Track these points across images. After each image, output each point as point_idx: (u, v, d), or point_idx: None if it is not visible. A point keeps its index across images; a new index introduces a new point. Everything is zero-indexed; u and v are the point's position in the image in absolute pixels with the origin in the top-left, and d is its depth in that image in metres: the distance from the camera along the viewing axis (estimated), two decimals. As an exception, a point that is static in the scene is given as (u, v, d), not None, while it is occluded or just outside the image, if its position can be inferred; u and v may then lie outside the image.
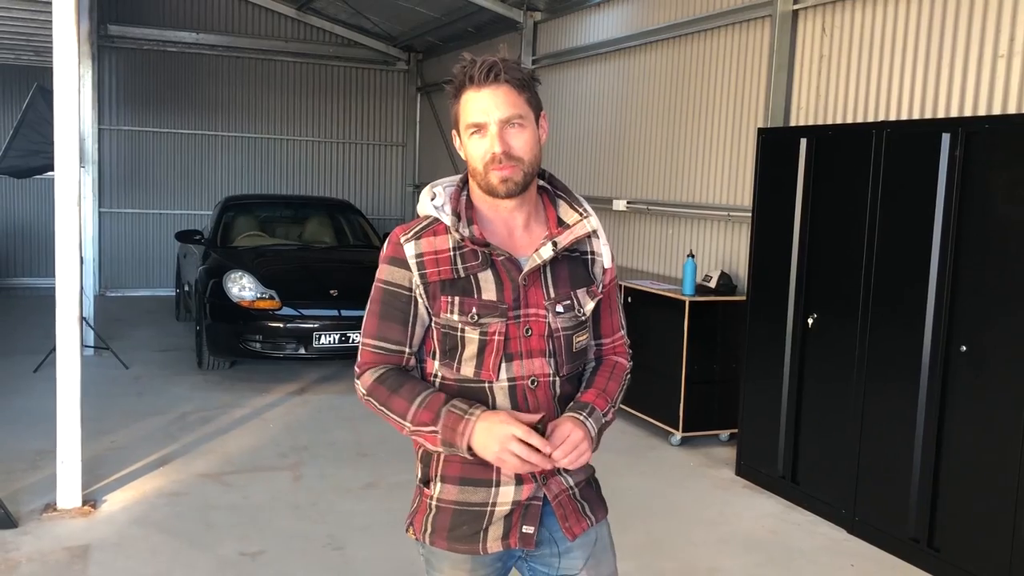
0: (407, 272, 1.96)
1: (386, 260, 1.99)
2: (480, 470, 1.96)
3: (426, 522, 2.04)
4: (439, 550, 2.04)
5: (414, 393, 1.93)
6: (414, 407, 1.91)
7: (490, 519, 1.98)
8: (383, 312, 1.99)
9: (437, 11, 11.12)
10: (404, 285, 1.97)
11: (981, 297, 4.12)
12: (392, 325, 1.98)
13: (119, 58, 12.18)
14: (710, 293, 6.30)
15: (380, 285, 2.00)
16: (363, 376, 2.00)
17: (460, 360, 1.96)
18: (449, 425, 1.87)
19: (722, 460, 6.01)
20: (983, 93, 4.90)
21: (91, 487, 5.04)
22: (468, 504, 1.99)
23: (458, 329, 1.95)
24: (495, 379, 1.95)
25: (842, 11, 5.88)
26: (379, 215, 13.47)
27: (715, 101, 7.08)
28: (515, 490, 1.97)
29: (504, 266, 1.95)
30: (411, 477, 5.82)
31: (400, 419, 1.93)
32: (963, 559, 4.19)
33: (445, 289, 1.94)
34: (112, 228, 12.36)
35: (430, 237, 1.96)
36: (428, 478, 2.05)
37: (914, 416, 4.42)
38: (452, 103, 1.99)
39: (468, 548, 2.00)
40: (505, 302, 1.94)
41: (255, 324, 7.50)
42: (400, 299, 1.97)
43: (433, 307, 1.96)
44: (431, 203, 1.99)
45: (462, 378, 1.97)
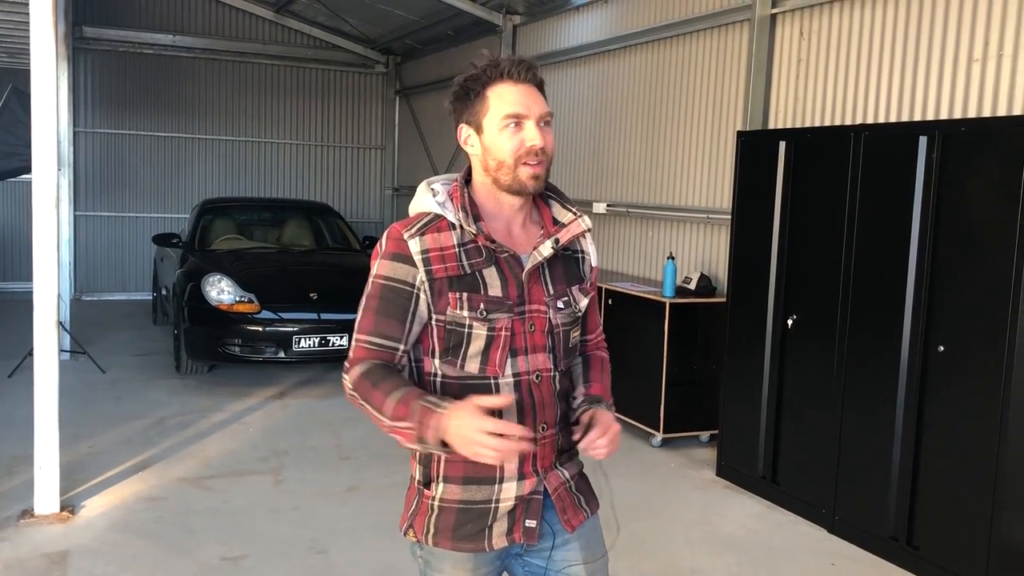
0: (412, 268, 1.94)
1: (387, 256, 1.96)
2: (483, 468, 1.95)
3: (428, 523, 2.02)
4: (441, 550, 2.02)
5: (392, 387, 1.89)
6: (391, 401, 1.87)
7: (494, 516, 1.99)
8: (381, 308, 1.95)
9: (416, 14, 11.11)
10: (407, 281, 1.94)
11: (959, 298, 4.17)
12: (390, 321, 1.95)
13: (94, 60, 12.08)
14: (690, 295, 6.33)
15: (380, 281, 1.96)
16: (352, 371, 1.95)
17: (464, 357, 1.96)
18: (421, 420, 1.83)
19: (703, 461, 6.04)
20: (959, 96, 4.96)
21: (69, 493, 4.98)
22: (472, 502, 1.99)
23: (465, 325, 1.94)
24: (501, 375, 1.96)
25: (820, 15, 5.93)
26: (358, 218, 13.43)
27: (694, 104, 7.12)
28: (517, 485, 1.99)
29: (507, 263, 1.97)
30: (394, 480, 5.80)
31: (379, 414, 1.89)
32: (942, 557, 4.24)
33: (452, 285, 1.94)
34: (88, 232, 12.24)
35: (434, 234, 1.95)
36: (429, 479, 2.02)
37: (893, 416, 4.46)
38: (474, 96, 1.96)
39: (474, 546, 2.00)
40: (510, 298, 1.96)
41: (234, 328, 7.45)
42: (401, 295, 1.95)
43: (438, 304, 1.95)
44: (434, 200, 1.99)
45: (466, 375, 1.97)
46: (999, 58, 4.73)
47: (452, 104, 2.02)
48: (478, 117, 1.96)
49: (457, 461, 1.95)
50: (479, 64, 1.97)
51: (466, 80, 1.98)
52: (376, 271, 1.97)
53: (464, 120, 2.00)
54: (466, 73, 1.99)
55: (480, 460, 1.82)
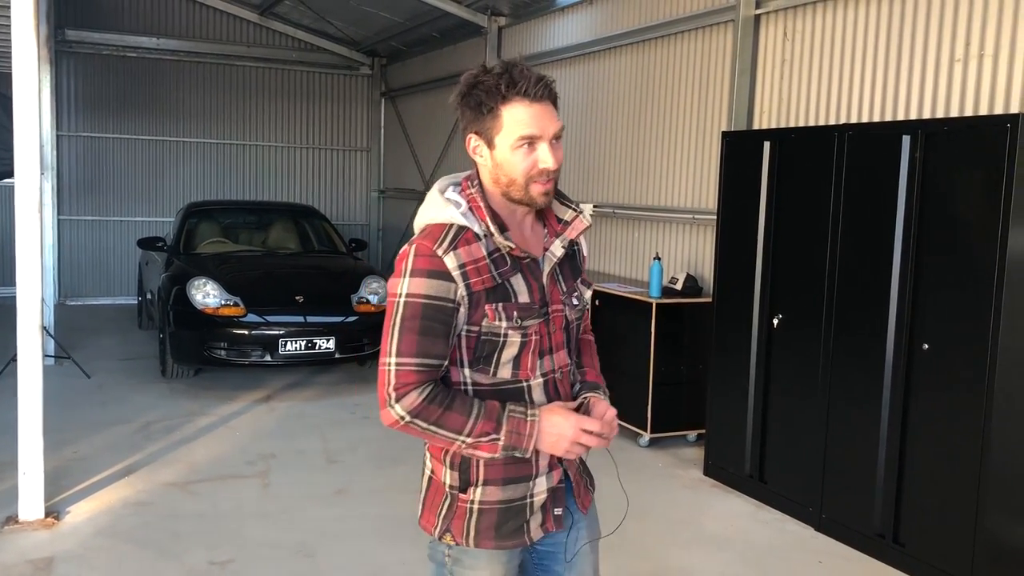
0: (451, 284, 1.91)
1: (422, 274, 1.91)
2: (521, 468, 2.03)
3: (468, 526, 2.05)
4: (476, 550, 2.06)
5: (467, 405, 1.92)
6: (472, 419, 1.91)
7: (531, 510, 2.07)
8: (424, 328, 1.90)
9: (401, 16, 11.09)
10: (448, 298, 1.92)
11: (943, 296, 4.20)
12: (436, 340, 1.92)
13: (77, 64, 12.01)
14: (676, 295, 6.34)
15: (418, 300, 1.91)
16: (406, 397, 1.90)
17: (497, 364, 2.00)
18: (513, 430, 1.92)
19: (690, 460, 6.06)
20: (941, 96, 4.99)
21: (54, 498, 4.95)
22: (511, 501, 2.05)
23: (501, 334, 1.97)
24: (532, 377, 2.03)
25: (803, 16, 5.96)
26: (344, 220, 13.41)
27: (679, 105, 7.14)
28: (547, 478, 2.08)
29: (529, 268, 2.02)
30: (381, 483, 5.78)
31: (455, 435, 1.92)
32: (927, 553, 4.27)
33: (489, 297, 1.95)
34: (71, 236, 12.17)
35: (465, 247, 1.94)
36: (467, 483, 2.04)
37: (878, 414, 4.49)
38: (487, 112, 1.94)
39: (516, 542, 2.07)
40: (536, 303, 2.01)
41: (220, 331, 7.42)
42: (444, 312, 1.92)
43: (474, 316, 1.95)
44: (457, 211, 1.98)
45: (499, 381, 2.01)
46: (980, 58, 4.77)
47: (459, 108, 2.00)
48: (490, 133, 1.96)
49: (497, 464, 2.02)
50: (493, 72, 1.93)
51: (477, 88, 1.94)
52: (409, 290, 1.91)
53: (474, 131, 1.99)
54: (477, 76, 1.95)
55: (572, 456, 2.00)
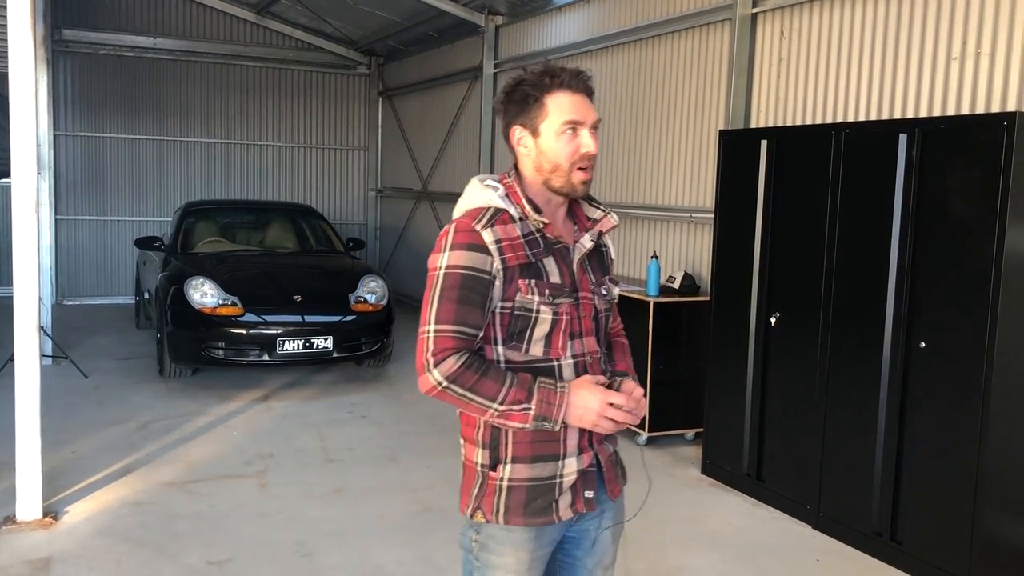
0: (488, 257, 2.04)
1: (461, 247, 2.04)
2: (549, 447, 2.12)
3: (497, 503, 2.13)
4: (503, 532, 2.14)
5: (501, 375, 2.02)
6: (505, 387, 2.00)
7: (560, 489, 2.14)
8: (463, 297, 2.02)
9: (398, 15, 11.09)
10: (485, 269, 2.04)
11: (939, 294, 4.21)
12: (473, 310, 2.03)
13: (74, 63, 12.00)
14: (674, 294, 6.35)
15: (457, 271, 2.03)
16: (444, 362, 1.99)
17: (529, 341, 2.10)
18: (544, 399, 2.01)
19: (688, 459, 6.06)
20: (938, 94, 5.00)
21: (52, 498, 4.95)
22: (539, 479, 2.13)
23: (533, 310, 2.08)
24: (563, 356, 2.13)
25: (800, 14, 5.97)
26: (341, 220, 13.40)
27: (677, 104, 7.15)
28: (577, 460, 2.16)
29: (560, 253, 2.15)
30: (379, 482, 5.78)
31: (489, 402, 2.01)
32: (924, 551, 4.27)
33: (522, 273, 2.07)
34: (69, 236, 12.16)
35: (502, 225, 2.07)
36: (497, 461, 2.13)
37: (876, 411, 4.50)
38: (532, 102, 2.10)
39: (544, 520, 2.14)
40: (566, 285, 2.13)
41: (217, 331, 7.42)
42: (482, 283, 2.04)
43: (508, 290, 2.07)
44: (496, 194, 2.11)
45: (531, 359, 2.11)
46: (977, 56, 4.78)
47: (504, 105, 2.16)
48: (535, 122, 2.11)
49: (524, 442, 2.11)
50: (534, 71, 2.12)
51: (521, 84, 2.12)
52: (449, 262, 2.04)
53: (519, 122, 2.14)
54: (519, 77, 2.13)
55: (600, 431, 2.09)
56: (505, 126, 2.17)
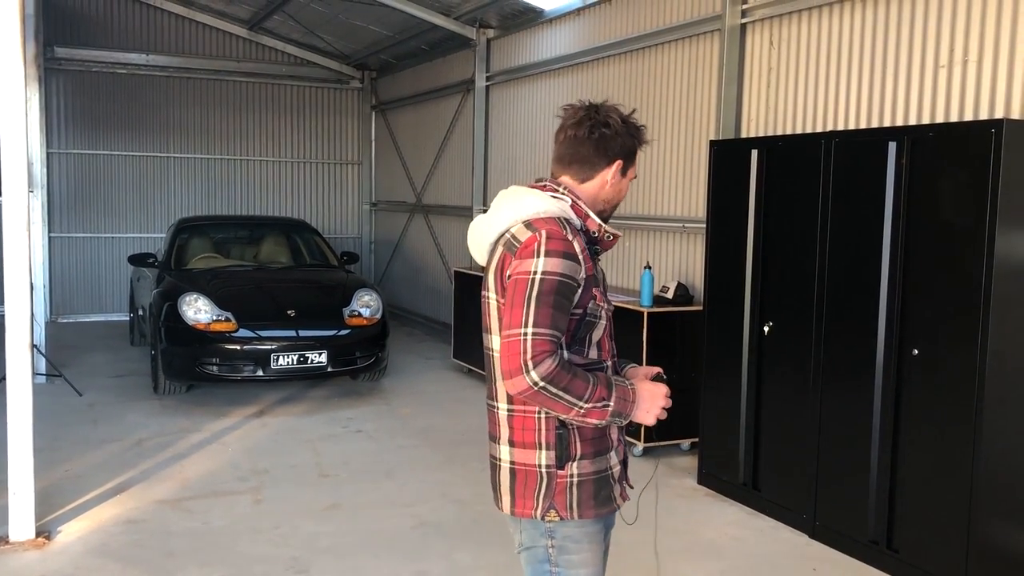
0: (579, 266, 2.18)
1: (559, 255, 2.15)
2: (603, 441, 2.29)
3: (570, 499, 2.25)
4: (578, 529, 2.27)
5: (586, 375, 2.14)
6: (591, 386, 2.12)
7: (614, 478, 2.34)
8: (558, 303, 2.13)
9: (390, 29, 11.13)
10: (577, 278, 2.18)
11: (931, 301, 4.21)
12: (563, 315, 2.15)
13: (67, 81, 12.01)
14: (667, 304, 6.35)
15: (556, 278, 2.13)
16: (542, 364, 2.07)
17: (589, 344, 2.26)
18: (621, 396, 2.16)
19: (684, 469, 6.05)
20: (927, 102, 5.02)
21: (45, 518, 4.92)
22: (601, 471, 2.29)
23: (599, 316, 2.26)
24: (608, 358, 2.32)
25: (789, 24, 6.00)
26: (336, 234, 13.41)
27: (668, 114, 7.17)
28: (616, 453, 2.35)
29: (599, 265, 2.33)
30: (375, 497, 5.74)
31: (577, 400, 2.11)
32: (921, 559, 4.26)
33: (594, 282, 2.24)
34: (63, 253, 12.14)
35: (576, 236, 2.23)
36: (567, 459, 2.24)
37: (870, 420, 4.49)
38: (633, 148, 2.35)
39: (609, 509, 2.32)
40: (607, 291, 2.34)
41: (211, 347, 7.41)
42: (572, 290, 2.17)
43: (583, 298, 2.21)
44: (566, 205, 2.27)
45: (590, 361, 2.26)
46: (964, 64, 4.80)
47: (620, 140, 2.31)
48: (629, 166, 2.36)
49: (587, 439, 2.25)
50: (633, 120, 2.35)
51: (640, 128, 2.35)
52: (548, 268, 2.14)
53: (623, 159, 2.33)
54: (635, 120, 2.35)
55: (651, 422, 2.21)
56: (605, 154, 2.30)
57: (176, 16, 12.42)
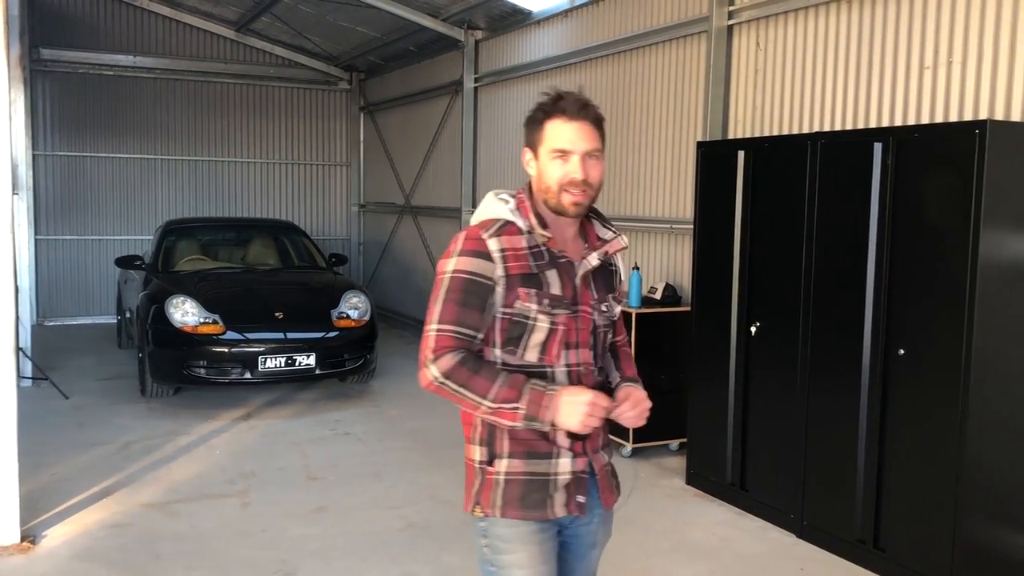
0: (491, 264, 2.19)
1: (467, 253, 2.20)
2: (542, 444, 2.23)
3: (495, 497, 2.25)
4: (508, 529, 2.25)
5: (494, 374, 2.15)
6: (496, 386, 2.12)
7: (555, 487, 2.25)
8: (463, 300, 2.18)
9: (378, 31, 11.11)
10: (487, 275, 2.19)
11: (916, 301, 4.23)
12: (472, 312, 2.18)
13: (53, 82, 11.94)
14: (656, 305, 6.37)
15: (460, 275, 2.18)
16: (441, 359, 2.14)
17: (525, 347, 2.23)
18: (534, 400, 2.12)
19: (672, 470, 6.06)
20: (912, 103, 5.04)
21: (30, 522, 4.89)
22: (534, 474, 2.24)
23: (530, 317, 2.21)
24: (556, 364, 2.25)
25: (775, 26, 6.01)
26: (324, 235, 13.37)
27: (655, 116, 7.18)
28: (571, 462, 2.26)
29: (564, 268, 2.27)
30: (362, 500, 5.74)
31: (480, 398, 2.13)
32: (907, 558, 4.28)
33: (523, 282, 2.21)
34: (49, 256, 12.07)
35: (508, 236, 2.22)
36: (494, 456, 2.26)
37: (856, 419, 4.51)
38: (535, 126, 2.27)
39: (540, 514, 2.25)
40: (567, 298, 2.25)
41: (199, 349, 7.38)
42: (482, 288, 2.18)
43: (508, 297, 2.20)
44: (507, 207, 2.26)
45: (525, 364, 2.23)
46: (949, 65, 4.82)
47: (525, 129, 2.31)
48: (536, 145, 2.28)
49: (519, 438, 2.23)
50: (543, 98, 2.27)
51: (534, 109, 2.28)
52: (454, 267, 2.20)
53: (527, 144, 2.31)
54: (539, 100, 2.28)
55: (584, 429, 2.14)
56: (526, 143, 2.32)
57: (163, 17, 12.37)
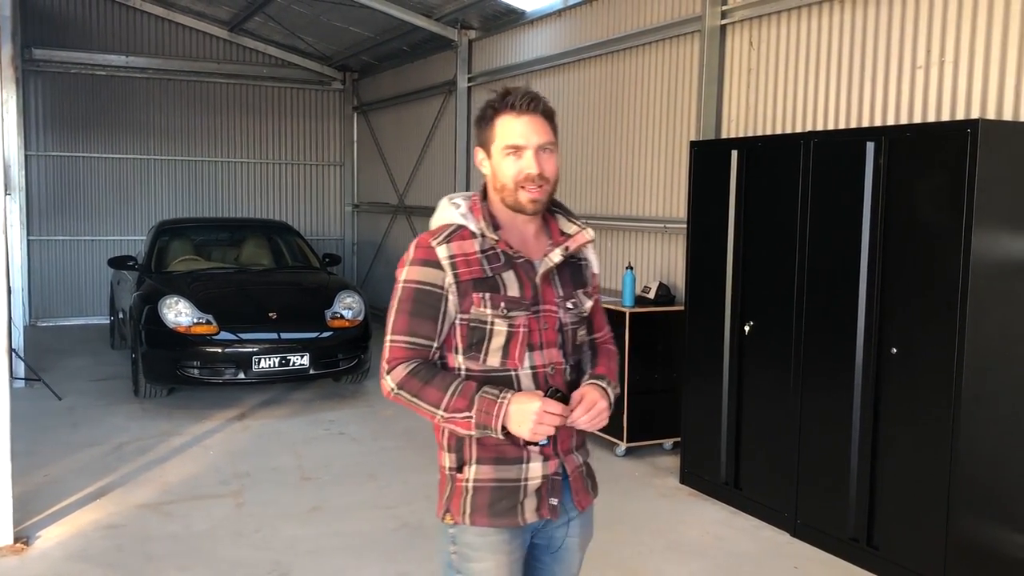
0: (441, 272, 2.16)
1: (417, 262, 2.18)
2: (512, 450, 2.19)
3: (464, 504, 2.21)
4: (478, 537, 2.21)
5: (446, 383, 2.13)
6: (448, 396, 2.11)
7: (525, 492, 2.21)
8: (415, 310, 2.17)
9: (372, 31, 11.10)
10: (437, 284, 2.16)
11: (909, 300, 4.24)
12: (424, 321, 2.17)
13: (45, 83, 11.91)
14: (649, 304, 6.37)
15: (411, 285, 2.18)
16: (394, 371, 2.14)
17: (487, 352, 2.19)
18: (483, 409, 2.09)
19: (666, 469, 6.07)
20: (904, 102, 5.06)
21: (23, 523, 4.88)
22: (504, 480, 2.20)
23: (487, 322, 2.18)
24: (520, 367, 2.20)
25: (768, 25, 6.03)
26: (318, 235, 13.35)
27: (649, 115, 7.19)
28: (543, 466, 2.22)
29: (523, 268, 2.22)
30: (356, 500, 5.75)
31: (433, 408, 2.12)
32: (901, 556, 4.29)
33: (476, 287, 2.17)
34: (42, 256, 12.04)
35: (459, 241, 2.19)
36: (462, 463, 2.22)
37: (850, 418, 4.52)
38: (485, 125, 2.22)
39: (509, 521, 2.21)
40: (526, 298, 2.20)
41: (192, 350, 7.36)
42: (433, 297, 2.16)
43: (463, 304, 2.17)
44: (457, 212, 2.22)
45: (488, 368, 2.20)
46: (941, 64, 4.84)
47: (475, 129, 2.28)
48: (488, 144, 2.23)
49: (489, 444, 2.18)
50: (492, 96, 2.21)
51: (483, 108, 2.23)
52: (406, 277, 2.19)
53: (479, 144, 2.27)
54: (487, 98, 2.23)
55: (536, 438, 2.11)
56: (477, 142, 2.28)
57: (155, 17, 12.34)
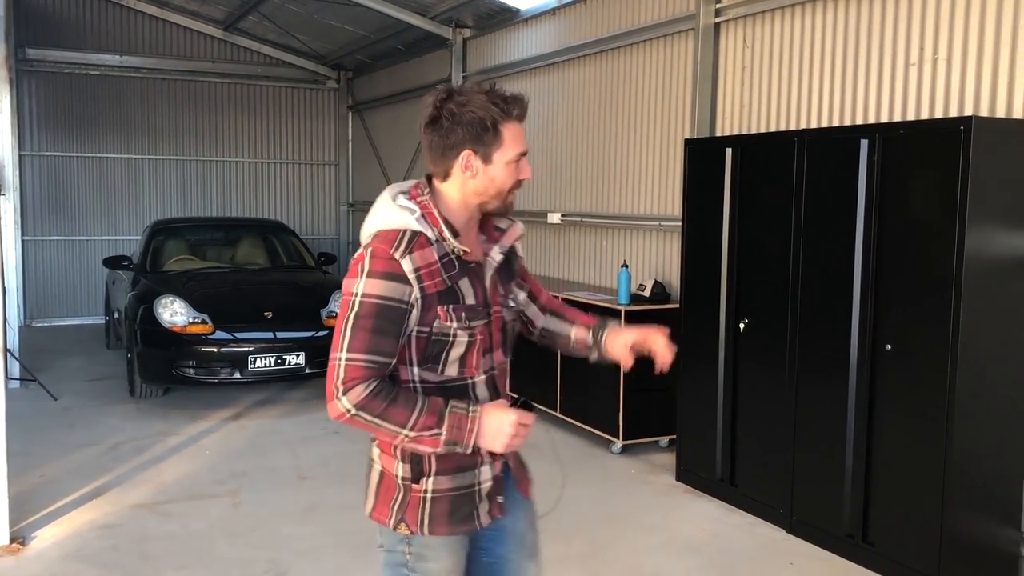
0: (407, 287, 2.02)
1: (379, 276, 2.01)
2: (469, 457, 2.14)
3: (422, 515, 2.15)
4: (436, 542, 2.16)
5: (411, 401, 2.02)
6: (415, 414, 2.00)
7: (479, 497, 2.20)
8: (377, 327, 2.00)
9: (366, 29, 11.10)
10: (403, 299, 2.03)
11: (904, 297, 4.26)
12: (386, 339, 2.02)
13: (39, 82, 11.88)
14: (645, 302, 6.38)
15: (374, 300, 2.00)
16: (352, 391, 1.98)
17: (445, 363, 2.12)
18: (455, 425, 2.01)
19: (662, 466, 6.08)
20: (897, 100, 5.07)
21: (19, 524, 4.87)
22: (461, 489, 2.17)
23: (450, 334, 2.09)
24: (476, 375, 2.16)
25: (762, 23, 6.04)
26: (313, 235, 13.35)
27: (643, 113, 7.20)
28: (491, 467, 2.21)
29: (474, 272, 2.15)
30: (353, 499, 5.71)
31: (398, 428, 2.00)
32: (896, 552, 4.31)
33: (440, 299, 2.07)
34: (37, 256, 12.01)
35: (420, 251, 2.05)
36: (420, 474, 2.15)
37: (845, 415, 4.54)
38: (491, 132, 2.06)
39: (467, 528, 2.19)
40: (480, 304, 2.15)
41: (188, 349, 7.35)
42: (397, 312, 2.02)
43: (426, 317, 2.06)
44: (412, 218, 2.07)
45: (446, 379, 2.13)
46: (934, 62, 4.85)
47: (459, 129, 2.06)
48: (490, 150, 2.09)
49: (448, 454, 2.10)
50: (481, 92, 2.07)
51: (471, 108, 2.05)
52: (365, 290, 2.01)
53: (471, 147, 2.08)
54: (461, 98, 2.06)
55: (507, 450, 2.07)
56: (449, 147, 2.08)
57: (149, 17, 12.32)
